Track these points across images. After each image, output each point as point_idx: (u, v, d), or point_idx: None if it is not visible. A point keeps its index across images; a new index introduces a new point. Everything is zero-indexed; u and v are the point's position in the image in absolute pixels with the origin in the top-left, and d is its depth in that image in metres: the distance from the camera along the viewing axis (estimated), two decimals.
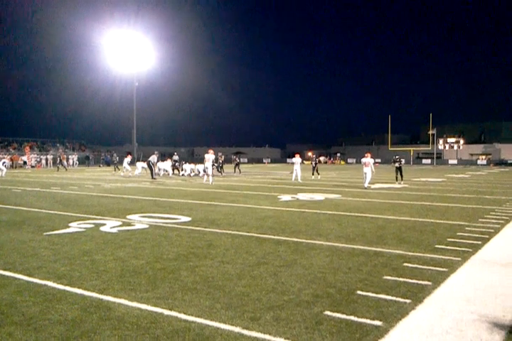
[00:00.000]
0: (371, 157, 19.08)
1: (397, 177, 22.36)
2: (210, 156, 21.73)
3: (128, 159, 28.92)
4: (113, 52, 54.72)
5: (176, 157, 33.75)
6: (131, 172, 28.27)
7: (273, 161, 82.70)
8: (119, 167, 34.87)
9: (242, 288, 4.77)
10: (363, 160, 18.88)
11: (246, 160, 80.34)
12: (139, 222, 9.25)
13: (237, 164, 34.18)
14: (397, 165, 22.52)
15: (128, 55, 54.64)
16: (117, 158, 39.62)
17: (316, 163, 27.56)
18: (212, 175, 21.93)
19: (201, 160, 37.10)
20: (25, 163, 47.38)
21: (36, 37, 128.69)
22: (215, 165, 27.63)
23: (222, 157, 32.80)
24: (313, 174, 26.88)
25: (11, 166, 42.30)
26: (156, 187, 19.68)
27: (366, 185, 18.58)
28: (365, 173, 18.65)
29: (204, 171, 28.11)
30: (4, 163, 30.52)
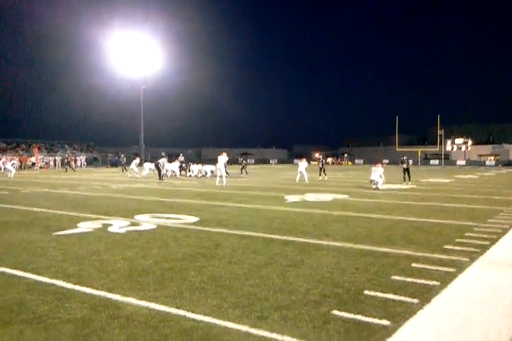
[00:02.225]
0: (381, 166, 19.36)
1: (404, 178, 22.34)
2: (223, 158, 21.81)
3: (136, 161, 29.01)
4: (120, 54, 54.96)
5: (181, 158, 33.79)
6: (139, 173, 28.38)
7: (280, 162, 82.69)
8: (127, 168, 34.93)
9: (249, 287, 4.79)
10: (373, 168, 19.01)
11: (253, 161, 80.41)
12: (147, 222, 9.29)
13: (245, 165, 34.24)
14: (404, 166, 22.53)
15: (135, 57, 54.86)
16: (124, 159, 39.73)
17: (323, 164, 27.54)
18: (226, 176, 21.98)
19: (208, 161, 37.22)
20: (33, 164, 47.66)
21: (44, 39, 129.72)
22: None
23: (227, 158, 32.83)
24: (320, 175, 26.85)
25: (20, 167, 42.59)
26: (163, 188, 19.74)
27: (379, 186, 18.60)
28: (373, 180, 18.75)
29: (212, 172, 28.21)
30: (13, 164, 30.77)
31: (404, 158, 22.94)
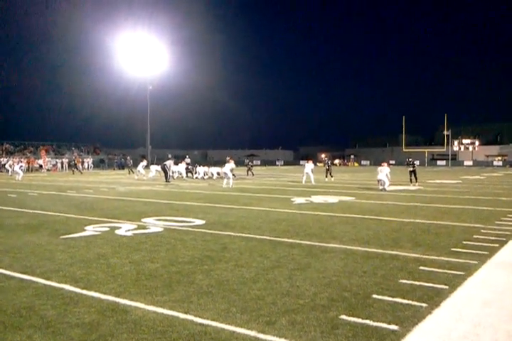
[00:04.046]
0: (387, 165, 19.40)
1: (411, 180, 22.27)
2: (230, 165, 22.07)
3: (143, 163, 29.10)
4: (127, 55, 55.21)
5: (187, 160, 33.84)
6: (145, 175, 28.45)
7: (286, 163, 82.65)
8: (133, 170, 35.03)
9: (257, 291, 4.78)
10: (379, 168, 19.01)
11: (259, 162, 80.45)
12: (154, 225, 9.31)
13: (250, 167, 34.22)
14: (410, 168, 22.48)
15: (142, 58, 55.09)
16: (131, 161, 39.84)
17: (329, 166, 27.48)
18: (233, 179, 22.01)
19: (214, 163, 37.24)
20: (40, 166, 47.90)
21: (51, 41, 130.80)
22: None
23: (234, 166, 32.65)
24: (326, 176, 26.80)
25: (27, 170, 42.81)
26: (170, 190, 19.78)
27: (385, 187, 18.58)
28: (380, 180, 18.74)
29: (218, 174, 28.24)
30: (21, 166, 30.93)
31: (410, 160, 22.92)
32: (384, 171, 18.74)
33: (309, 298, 4.57)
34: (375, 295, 4.63)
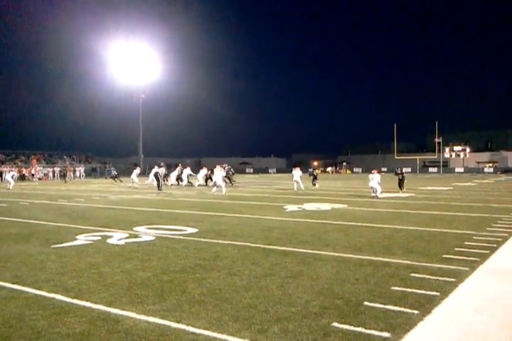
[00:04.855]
0: (377, 173, 19.61)
1: (400, 187, 22.26)
2: (218, 172, 22.14)
3: (137, 171, 28.97)
4: (119, 64, 55.28)
5: (180, 168, 33.76)
6: (138, 184, 28.33)
7: (278, 171, 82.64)
8: (119, 179, 35.39)
9: (249, 299, 4.77)
10: (370, 176, 19.11)
11: (252, 170, 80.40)
12: (146, 233, 9.27)
13: (231, 175, 32.50)
14: (400, 177, 22.37)
15: (134, 67, 55.17)
16: (113, 169, 39.32)
17: (313, 175, 28.17)
18: (224, 186, 22.03)
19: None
20: (32, 175, 47.58)
21: (42, 50, 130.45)
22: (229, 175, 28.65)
23: (226, 168, 32.25)
24: (313, 185, 27.05)
25: (19, 179, 42.51)
26: (162, 198, 19.73)
27: (378, 194, 18.63)
28: (372, 187, 18.82)
29: (213, 181, 28.16)
30: (13, 175, 30.70)
31: (398, 169, 23.02)
32: (375, 178, 18.83)
33: (301, 305, 4.57)
34: (367, 303, 4.64)
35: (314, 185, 27.04)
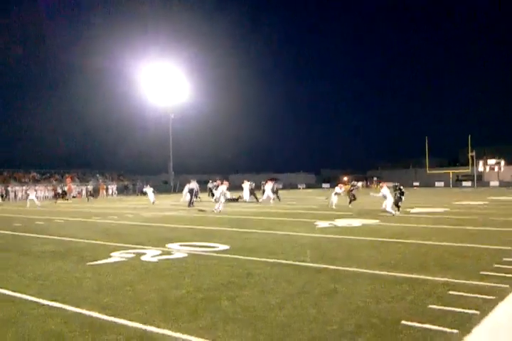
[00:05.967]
0: (386, 187, 18.38)
1: (398, 207, 18.83)
2: (222, 187, 21.79)
3: (189, 186, 27.16)
4: (150, 85, 56.68)
5: (210, 184, 33.98)
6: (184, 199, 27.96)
7: (308, 187, 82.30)
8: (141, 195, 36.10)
9: (283, 318, 4.74)
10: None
11: (281, 186, 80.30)
12: (178, 250, 9.35)
13: (252, 188, 31.16)
14: (397, 194, 18.80)
15: (163, 87, 56.44)
16: (131, 186, 40.21)
17: (351, 190, 25.42)
18: (220, 202, 21.38)
19: (235, 188, 37.24)
20: (65, 193, 48.69)
21: (77, 70, 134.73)
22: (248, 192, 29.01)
23: (253, 184, 31.92)
24: (349, 203, 24.74)
25: (53, 197, 43.53)
26: (193, 215, 19.87)
27: (389, 210, 17.41)
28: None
29: (213, 195, 28.09)
30: (36, 194, 31.44)
31: (397, 185, 20.37)
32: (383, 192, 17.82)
33: (337, 324, 4.52)
34: (404, 321, 4.55)
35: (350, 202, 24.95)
